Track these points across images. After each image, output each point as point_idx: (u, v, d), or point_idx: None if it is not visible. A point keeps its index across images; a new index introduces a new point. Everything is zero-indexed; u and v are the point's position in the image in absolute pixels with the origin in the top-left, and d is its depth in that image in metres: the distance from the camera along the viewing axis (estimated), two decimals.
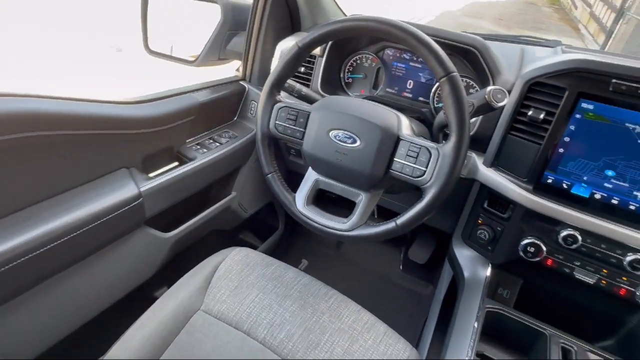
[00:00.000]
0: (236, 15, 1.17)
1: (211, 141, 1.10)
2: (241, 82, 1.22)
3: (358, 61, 1.12)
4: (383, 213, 1.50)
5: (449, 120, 0.69)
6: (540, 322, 0.81)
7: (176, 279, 0.89)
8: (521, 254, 0.86)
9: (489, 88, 0.76)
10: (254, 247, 1.43)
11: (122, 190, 0.85)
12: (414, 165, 0.72)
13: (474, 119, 0.92)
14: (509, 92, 0.83)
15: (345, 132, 0.77)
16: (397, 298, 1.48)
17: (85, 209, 0.79)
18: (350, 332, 0.81)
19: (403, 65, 1.07)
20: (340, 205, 0.98)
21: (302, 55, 0.81)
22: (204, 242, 1.24)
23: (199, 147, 1.07)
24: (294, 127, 0.83)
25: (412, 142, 0.73)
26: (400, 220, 0.75)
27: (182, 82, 1.13)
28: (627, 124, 0.72)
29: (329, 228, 0.81)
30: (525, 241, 0.85)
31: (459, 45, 0.92)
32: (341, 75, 1.14)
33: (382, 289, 1.52)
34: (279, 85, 0.84)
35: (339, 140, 0.77)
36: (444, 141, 0.72)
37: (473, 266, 0.96)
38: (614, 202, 0.77)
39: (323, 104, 0.82)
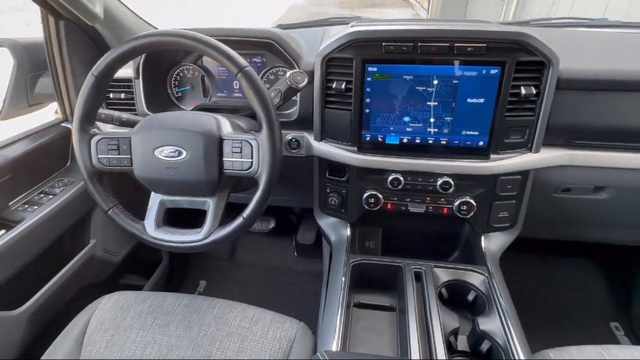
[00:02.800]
0: (32, 55, 1.07)
1: (42, 195, 1.00)
2: (63, 124, 1.12)
3: (181, 74, 1.12)
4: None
5: (256, 110, 0.74)
6: (396, 258, 0.94)
7: None
8: (366, 206, 0.98)
9: (288, 73, 0.84)
10: (140, 288, 1.35)
11: None
12: (241, 160, 0.77)
13: (296, 107, 1.00)
14: (313, 71, 0.92)
15: (170, 147, 0.77)
16: (299, 282, 1.55)
17: None
18: (239, 332, 0.84)
19: (224, 69, 1.11)
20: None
21: (102, 83, 0.78)
22: (76, 303, 1.12)
23: (27, 205, 0.96)
24: (119, 156, 0.80)
25: (233, 139, 0.77)
26: (246, 213, 0.79)
27: None
28: (404, 76, 0.87)
29: (185, 243, 0.81)
30: (366, 194, 0.97)
31: (257, 40, 0.99)
32: (169, 91, 1.13)
33: (284, 280, 1.58)
34: (88, 118, 0.80)
35: (166, 157, 0.77)
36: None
37: (336, 230, 1.06)
38: (417, 141, 0.92)
39: (142, 125, 0.80)
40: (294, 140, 0.99)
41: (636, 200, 0.97)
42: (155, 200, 0.85)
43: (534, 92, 0.83)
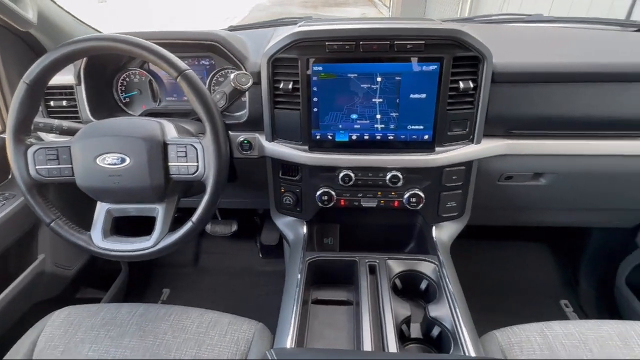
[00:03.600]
0: None
1: None
2: (2, 135, 1.07)
3: (127, 79, 1.09)
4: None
5: (199, 113, 0.74)
6: (352, 253, 0.95)
7: None
8: (320, 204, 0.99)
9: (232, 75, 0.83)
10: (98, 301, 1.30)
11: None
12: (187, 164, 0.76)
13: (245, 108, 1.00)
14: (260, 72, 0.92)
15: (112, 155, 0.75)
16: (264, 283, 1.55)
17: None
18: (196, 337, 0.83)
19: None
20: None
21: (35, 91, 0.75)
22: (27, 322, 1.07)
23: None
24: (60, 166, 0.78)
25: (178, 143, 0.76)
26: (195, 217, 0.78)
27: None
28: (348, 75, 0.89)
29: (135, 251, 0.80)
30: (319, 192, 0.98)
31: (202, 42, 0.98)
32: (115, 97, 1.10)
33: (250, 282, 1.57)
34: (23, 128, 0.77)
35: (109, 164, 0.75)
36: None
37: (293, 229, 1.07)
38: (366, 137, 0.94)
39: (82, 133, 0.78)
40: (245, 141, 0.99)
41: (572, 185, 1.04)
42: (101, 209, 0.83)
43: (472, 85, 0.87)
